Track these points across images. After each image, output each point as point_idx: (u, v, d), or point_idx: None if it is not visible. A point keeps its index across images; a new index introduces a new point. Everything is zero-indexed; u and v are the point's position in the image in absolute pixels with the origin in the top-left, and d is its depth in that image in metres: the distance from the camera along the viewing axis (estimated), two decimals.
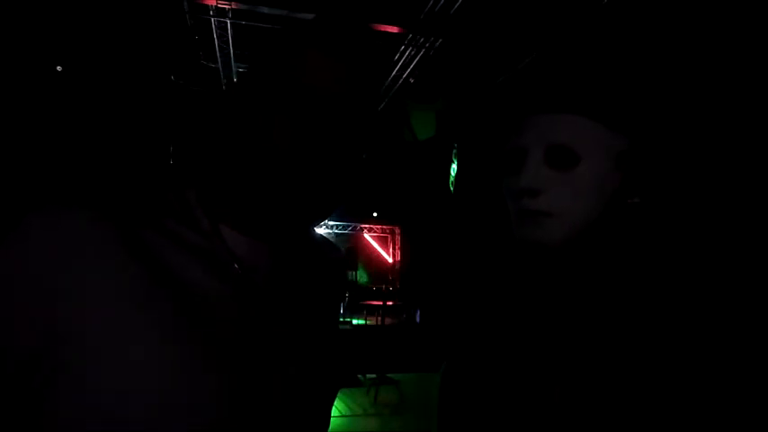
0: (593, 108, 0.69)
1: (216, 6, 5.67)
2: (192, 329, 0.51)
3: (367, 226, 14.27)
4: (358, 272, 10.43)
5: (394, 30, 5.95)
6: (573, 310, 0.67)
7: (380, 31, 5.90)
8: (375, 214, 13.93)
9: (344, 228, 13.97)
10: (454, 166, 7.62)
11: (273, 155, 0.52)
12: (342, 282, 0.76)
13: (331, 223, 13.50)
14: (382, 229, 14.43)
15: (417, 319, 10.05)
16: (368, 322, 9.75)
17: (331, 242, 0.75)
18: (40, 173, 6.07)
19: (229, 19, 5.85)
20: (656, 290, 0.64)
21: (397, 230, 14.42)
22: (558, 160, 0.69)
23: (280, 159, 0.53)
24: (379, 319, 8.55)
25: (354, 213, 13.64)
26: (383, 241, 14.57)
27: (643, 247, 0.69)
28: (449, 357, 0.79)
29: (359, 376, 6.12)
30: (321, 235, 0.74)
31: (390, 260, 14.50)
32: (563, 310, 0.68)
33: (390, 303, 10.67)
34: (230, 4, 5.61)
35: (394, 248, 14.51)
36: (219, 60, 6.83)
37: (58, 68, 6.49)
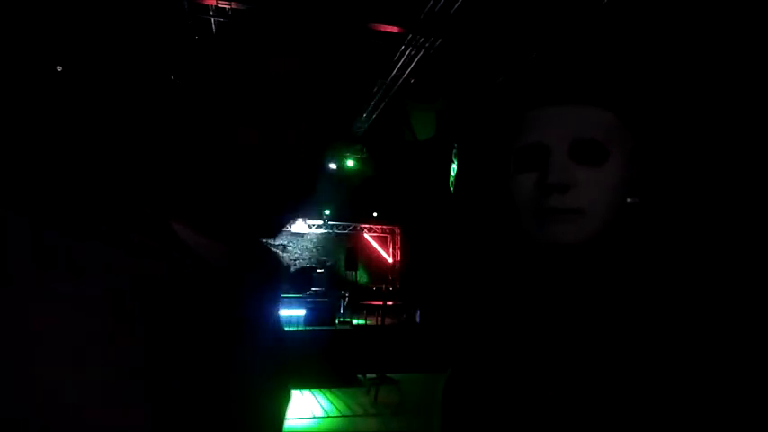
0: (615, 101, 0.67)
1: (216, 6, 5.68)
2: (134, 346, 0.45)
3: (367, 226, 14.26)
4: (358, 272, 10.42)
5: (394, 30, 5.94)
6: (592, 313, 0.65)
7: (380, 30, 5.90)
8: (375, 214, 13.93)
9: (344, 228, 13.96)
10: (454, 166, 7.60)
11: (246, 154, 0.50)
12: (278, 288, 0.72)
13: (331, 223, 13.50)
14: (382, 229, 14.42)
15: (417, 319, 10.04)
16: (368, 322, 9.75)
17: (273, 250, 0.72)
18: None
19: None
20: (679, 292, 0.63)
21: (397, 230, 14.42)
22: (585, 156, 0.66)
23: (253, 159, 0.50)
24: (379, 319, 8.54)
25: (354, 213, 13.64)
26: (383, 241, 14.57)
27: (660, 249, 0.68)
28: (454, 363, 0.77)
29: (359, 376, 6.12)
30: (264, 243, 0.70)
31: (390, 260, 14.50)
32: (582, 313, 0.66)
33: (390, 303, 10.66)
34: (230, 4, 5.61)
35: (394, 248, 14.51)
36: None
37: (58, 68, 6.49)
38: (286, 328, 0.73)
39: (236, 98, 0.51)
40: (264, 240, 0.68)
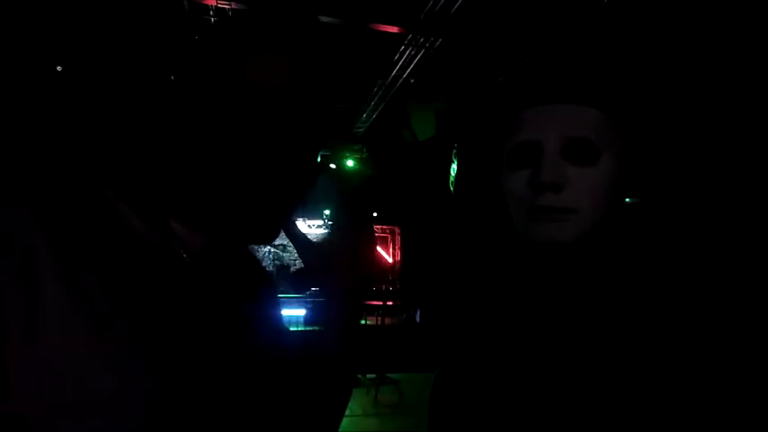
0: (608, 101, 0.67)
1: (216, 6, 5.67)
2: (132, 334, 0.49)
3: None
4: None
5: (394, 30, 5.94)
6: (584, 312, 0.65)
7: (380, 30, 5.89)
8: (375, 214, 13.92)
9: None
10: (454, 166, 7.60)
11: (227, 158, 0.52)
12: (275, 292, 0.77)
13: (331, 223, 13.47)
14: (382, 229, 14.42)
15: (417, 319, 10.04)
16: (368, 322, 9.74)
17: (258, 260, 0.76)
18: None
19: None
20: (673, 292, 0.63)
21: (397, 230, 14.41)
22: (578, 155, 0.66)
23: (238, 164, 0.52)
24: (379, 319, 8.53)
25: None
26: (383, 241, 14.56)
27: (654, 248, 0.68)
28: (442, 364, 0.77)
29: (359, 376, 6.12)
30: (252, 252, 0.74)
31: (390, 260, 14.49)
32: (574, 312, 0.66)
33: (390, 303, 10.65)
34: (230, 5, 5.60)
35: (394, 248, 14.50)
36: None
37: (58, 68, 6.49)
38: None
39: (219, 109, 0.53)
40: (257, 246, 0.72)
